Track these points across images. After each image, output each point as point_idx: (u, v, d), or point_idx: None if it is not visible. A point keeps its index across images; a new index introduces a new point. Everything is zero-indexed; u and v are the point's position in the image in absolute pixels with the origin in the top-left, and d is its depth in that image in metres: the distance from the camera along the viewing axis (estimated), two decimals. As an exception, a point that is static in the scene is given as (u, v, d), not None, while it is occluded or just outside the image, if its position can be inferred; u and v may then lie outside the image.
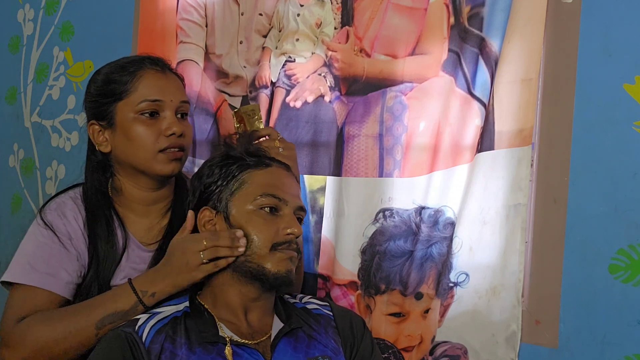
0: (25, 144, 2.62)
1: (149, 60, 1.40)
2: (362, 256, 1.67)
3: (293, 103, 1.82)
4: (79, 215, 1.38)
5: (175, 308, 1.23)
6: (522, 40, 1.44)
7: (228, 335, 1.19)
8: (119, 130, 1.37)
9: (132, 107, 1.36)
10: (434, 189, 1.57)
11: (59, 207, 1.39)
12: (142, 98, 1.35)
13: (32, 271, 1.32)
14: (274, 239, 1.21)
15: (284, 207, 1.24)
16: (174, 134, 1.36)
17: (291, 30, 1.83)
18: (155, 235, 1.42)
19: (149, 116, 1.36)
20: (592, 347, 1.36)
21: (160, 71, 1.39)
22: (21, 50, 2.66)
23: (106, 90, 1.38)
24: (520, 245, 1.43)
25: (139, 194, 1.42)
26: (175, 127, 1.36)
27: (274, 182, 1.25)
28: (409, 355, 1.57)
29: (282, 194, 1.24)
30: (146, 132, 1.35)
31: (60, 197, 1.42)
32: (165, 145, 1.36)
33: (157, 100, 1.36)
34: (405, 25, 1.64)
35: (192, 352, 1.15)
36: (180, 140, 1.38)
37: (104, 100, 1.38)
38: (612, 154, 1.36)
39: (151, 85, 1.36)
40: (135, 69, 1.37)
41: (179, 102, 1.39)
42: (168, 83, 1.39)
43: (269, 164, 1.28)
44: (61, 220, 1.37)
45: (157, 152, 1.36)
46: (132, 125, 1.36)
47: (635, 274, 1.32)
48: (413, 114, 1.62)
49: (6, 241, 2.62)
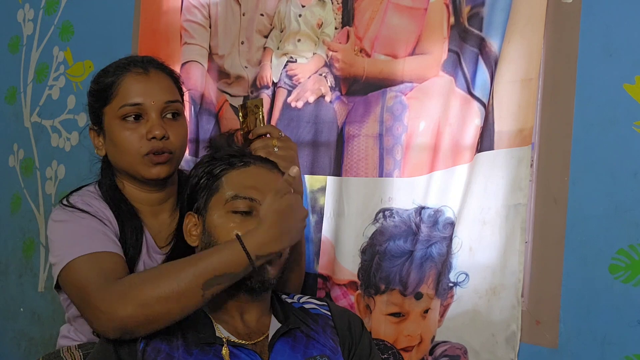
0: (25, 144, 2.62)
1: (134, 63, 1.37)
2: (362, 256, 1.67)
3: (294, 103, 1.82)
4: (106, 207, 1.36)
5: None
6: (522, 40, 1.44)
7: (225, 335, 1.18)
8: (107, 135, 1.37)
9: (115, 112, 1.34)
10: (434, 189, 1.57)
11: (83, 197, 1.36)
12: (122, 102, 1.33)
13: (83, 241, 1.25)
14: None
15: (259, 207, 1.19)
16: (155, 138, 1.33)
17: (293, 30, 1.83)
18: (166, 239, 1.40)
19: (134, 120, 1.34)
20: (592, 347, 1.36)
21: (142, 73, 1.35)
22: (21, 50, 2.66)
23: (96, 95, 1.38)
24: (520, 245, 1.43)
25: (140, 195, 1.41)
26: (156, 130, 1.32)
27: (249, 182, 1.21)
28: (409, 355, 1.57)
29: (255, 193, 1.20)
30: (130, 136, 1.33)
31: (79, 192, 1.40)
32: (147, 149, 1.33)
33: (137, 103, 1.33)
34: (405, 25, 1.64)
35: (188, 353, 1.15)
36: (164, 143, 1.34)
37: (95, 105, 1.38)
38: (612, 154, 1.36)
39: (131, 88, 1.34)
40: (119, 72, 1.35)
41: (163, 103, 1.35)
42: (150, 85, 1.35)
43: (247, 163, 1.24)
44: (91, 207, 1.34)
45: (142, 157, 1.33)
46: (116, 130, 1.34)
47: (635, 274, 1.32)
48: (413, 114, 1.62)
49: (6, 241, 2.63)
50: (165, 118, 1.36)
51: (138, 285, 1.14)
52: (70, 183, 1.50)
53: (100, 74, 1.39)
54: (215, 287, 1.13)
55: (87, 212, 1.31)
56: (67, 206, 1.33)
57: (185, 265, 1.15)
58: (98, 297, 1.15)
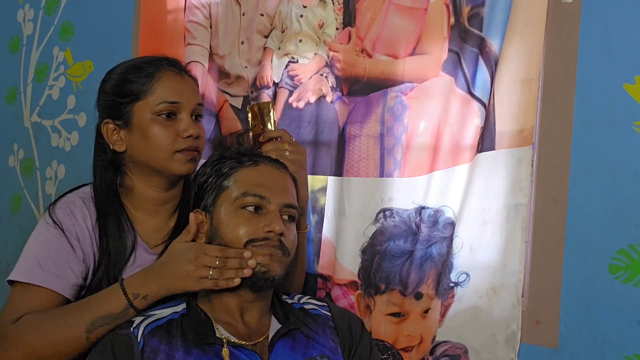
0: (25, 144, 2.62)
1: (166, 62, 1.40)
2: (363, 256, 1.67)
3: (296, 103, 1.82)
4: (88, 216, 1.38)
5: (172, 310, 1.22)
6: (522, 41, 1.44)
7: (225, 336, 1.18)
8: (135, 130, 1.37)
9: (151, 108, 1.36)
10: (434, 189, 1.57)
11: (68, 206, 1.38)
12: (160, 99, 1.36)
13: (40, 270, 1.31)
14: (252, 236, 1.20)
15: (268, 205, 1.22)
16: (190, 136, 1.37)
17: (294, 31, 1.83)
18: (162, 237, 1.42)
19: (166, 117, 1.36)
20: (592, 347, 1.36)
21: (177, 73, 1.39)
22: (21, 50, 2.66)
23: (123, 90, 1.38)
24: (521, 245, 1.43)
25: (150, 194, 1.42)
26: (192, 130, 1.36)
27: (259, 181, 1.23)
28: (409, 355, 1.57)
29: (265, 191, 1.22)
30: (164, 133, 1.36)
31: (69, 196, 1.41)
32: (183, 146, 1.36)
33: (175, 102, 1.37)
34: (406, 26, 1.64)
35: (188, 353, 1.15)
36: (196, 142, 1.39)
37: (121, 100, 1.38)
38: (612, 153, 1.36)
39: (169, 87, 1.37)
40: (154, 69, 1.37)
41: (195, 105, 1.39)
42: (185, 85, 1.40)
43: (257, 162, 1.26)
44: (70, 220, 1.36)
45: (174, 153, 1.36)
46: (149, 126, 1.36)
47: (635, 274, 1.32)
48: (413, 114, 1.62)
49: (6, 241, 2.62)
50: (192, 119, 1.39)
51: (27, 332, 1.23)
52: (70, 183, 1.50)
53: (129, 70, 1.39)
54: (99, 328, 1.20)
55: (62, 229, 1.34)
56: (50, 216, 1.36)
57: (71, 310, 1.25)
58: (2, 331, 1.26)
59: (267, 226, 1.20)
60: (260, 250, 1.19)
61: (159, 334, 1.16)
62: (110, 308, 1.22)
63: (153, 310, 1.22)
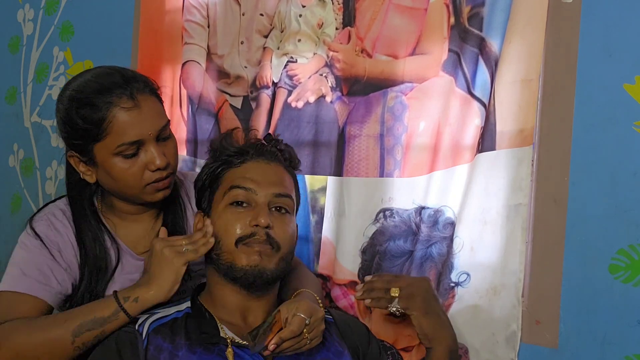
0: (25, 144, 2.62)
1: (118, 89, 1.27)
2: (363, 256, 1.67)
3: (295, 103, 1.82)
4: (69, 227, 1.36)
5: (177, 309, 1.23)
6: (523, 41, 1.44)
7: (229, 336, 1.18)
8: (100, 168, 1.31)
9: (110, 150, 1.28)
10: (434, 189, 1.57)
11: (49, 217, 1.37)
12: (119, 142, 1.27)
13: (24, 277, 1.29)
14: (240, 234, 1.20)
15: (255, 197, 1.22)
16: (159, 169, 1.31)
17: (293, 30, 1.83)
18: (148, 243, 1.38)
19: (130, 156, 1.29)
20: (592, 347, 1.36)
21: (132, 105, 1.27)
22: (21, 50, 2.66)
23: (77, 132, 1.29)
24: (521, 245, 1.43)
25: (129, 208, 1.40)
26: (159, 161, 1.29)
27: (246, 174, 1.24)
28: (409, 355, 1.57)
29: (251, 183, 1.22)
30: (130, 170, 1.29)
31: (50, 208, 1.40)
32: (151, 179, 1.31)
33: (135, 141, 1.28)
34: (406, 25, 1.64)
35: (192, 352, 1.15)
36: (166, 170, 1.32)
37: (78, 141, 1.30)
38: (612, 154, 1.36)
39: (126, 126, 1.26)
40: (105, 108, 1.25)
41: (158, 130, 1.30)
42: (142, 116, 1.28)
43: (245, 160, 1.26)
44: (52, 231, 1.34)
45: (145, 186, 1.32)
46: (114, 165, 1.29)
47: (635, 274, 1.32)
48: (413, 114, 1.62)
49: (6, 241, 2.62)
50: (160, 142, 1.33)
51: (12, 333, 1.21)
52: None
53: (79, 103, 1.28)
54: (85, 332, 1.19)
55: (43, 241, 1.33)
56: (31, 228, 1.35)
57: (59, 315, 1.25)
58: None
59: (253, 220, 1.20)
60: (248, 249, 1.19)
61: (163, 332, 1.17)
62: (98, 312, 1.20)
63: (157, 309, 1.22)
